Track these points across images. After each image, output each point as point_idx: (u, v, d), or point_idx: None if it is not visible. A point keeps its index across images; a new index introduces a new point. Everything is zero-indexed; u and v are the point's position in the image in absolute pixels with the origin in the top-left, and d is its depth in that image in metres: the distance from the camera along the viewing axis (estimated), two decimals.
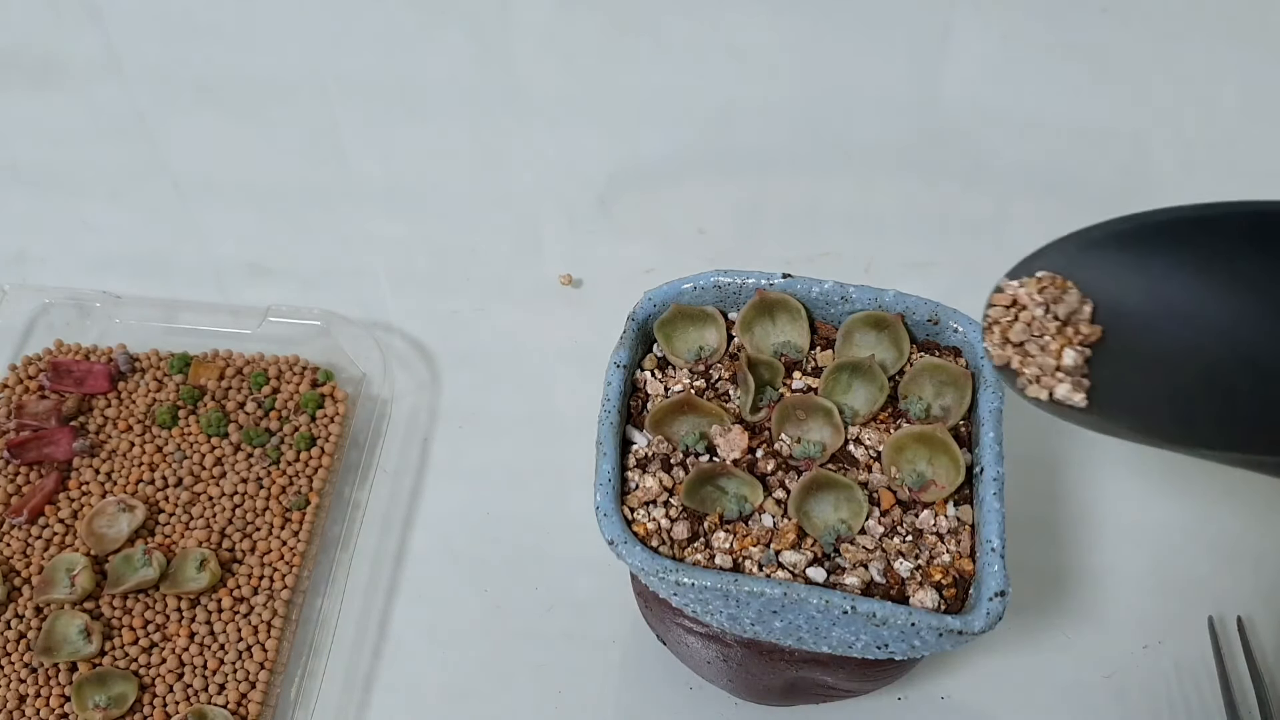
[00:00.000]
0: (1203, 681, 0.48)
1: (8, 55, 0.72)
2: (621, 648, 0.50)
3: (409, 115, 0.69)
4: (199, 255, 0.64)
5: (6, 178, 0.68)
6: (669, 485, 0.39)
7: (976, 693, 0.48)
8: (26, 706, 0.47)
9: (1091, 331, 0.36)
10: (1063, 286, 0.36)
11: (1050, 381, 0.35)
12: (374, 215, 0.65)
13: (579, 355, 0.57)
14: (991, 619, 0.35)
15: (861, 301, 0.43)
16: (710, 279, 0.43)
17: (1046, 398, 0.35)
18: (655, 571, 0.37)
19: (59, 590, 0.49)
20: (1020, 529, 0.43)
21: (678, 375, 0.43)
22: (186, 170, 0.68)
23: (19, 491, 0.52)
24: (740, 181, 0.66)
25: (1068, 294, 0.36)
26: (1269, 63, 0.67)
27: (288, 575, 0.50)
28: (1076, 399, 0.35)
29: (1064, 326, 0.36)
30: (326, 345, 0.57)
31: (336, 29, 0.71)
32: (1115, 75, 0.67)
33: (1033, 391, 0.36)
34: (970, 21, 0.69)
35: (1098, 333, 0.36)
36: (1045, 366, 0.36)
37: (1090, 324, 0.36)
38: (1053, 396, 0.35)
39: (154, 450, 0.54)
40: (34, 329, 0.59)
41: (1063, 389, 0.35)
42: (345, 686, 0.49)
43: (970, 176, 0.65)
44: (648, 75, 0.69)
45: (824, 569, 0.37)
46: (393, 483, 0.55)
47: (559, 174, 0.67)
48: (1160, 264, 0.35)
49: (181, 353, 0.57)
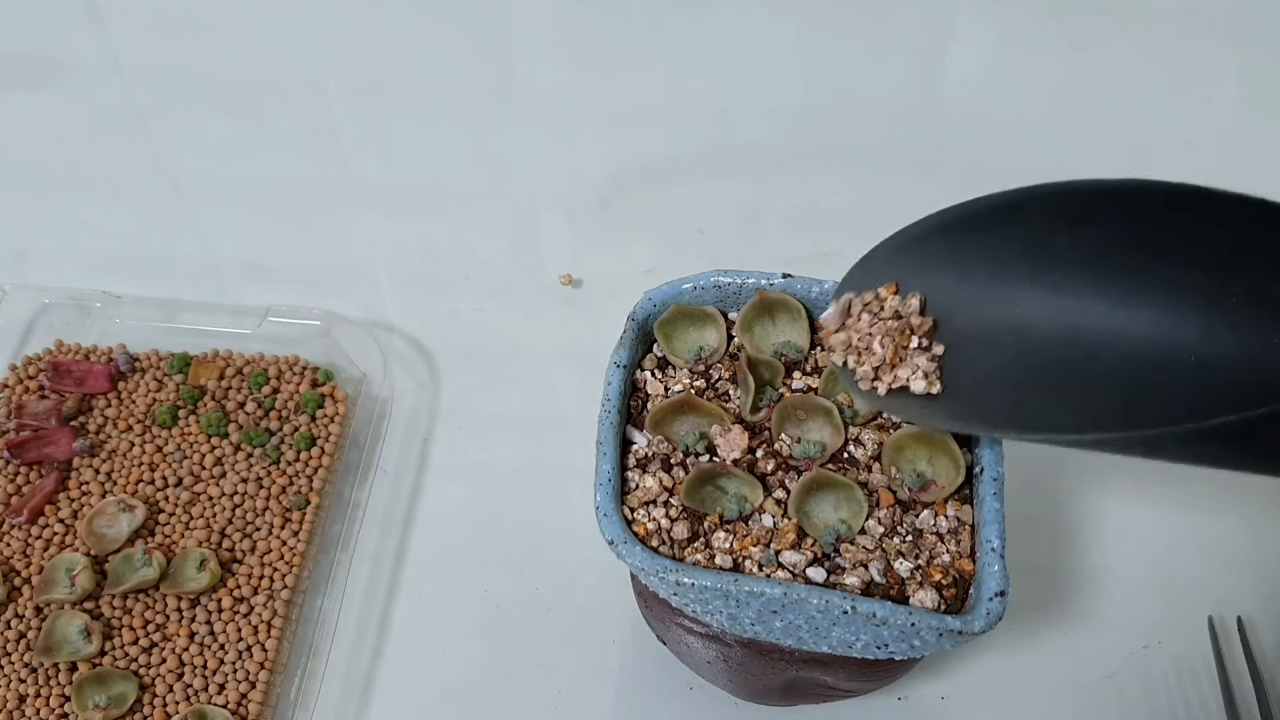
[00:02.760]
0: (1203, 681, 0.48)
1: (8, 55, 0.72)
2: (621, 648, 0.50)
3: (409, 115, 0.69)
4: (199, 255, 0.64)
5: (6, 178, 0.68)
6: (669, 485, 0.39)
7: (976, 693, 0.48)
8: (26, 706, 0.47)
9: (922, 323, 0.35)
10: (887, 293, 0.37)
11: (892, 376, 0.35)
12: (374, 215, 0.65)
13: (579, 355, 0.57)
14: (991, 619, 0.35)
15: None
16: (710, 279, 0.43)
17: (886, 391, 0.35)
18: (655, 571, 0.37)
19: (59, 590, 0.49)
20: (1020, 529, 0.43)
21: (678, 375, 0.43)
22: (186, 170, 0.68)
23: (19, 491, 0.52)
24: (740, 181, 0.66)
25: (889, 298, 0.37)
26: (1269, 63, 0.67)
27: (288, 575, 0.50)
28: (934, 388, 0.34)
29: (896, 323, 0.36)
30: (326, 345, 0.57)
31: (336, 29, 0.71)
32: (1115, 75, 0.68)
33: (873, 386, 0.36)
34: (970, 21, 0.69)
35: (929, 324, 0.35)
36: (883, 362, 0.36)
37: (920, 316, 0.36)
38: (907, 389, 0.35)
39: (154, 450, 0.54)
40: (34, 329, 0.59)
41: (917, 382, 0.35)
42: (345, 686, 0.49)
43: (970, 176, 0.64)
44: (648, 75, 0.69)
45: (824, 569, 0.37)
46: (393, 483, 0.55)
47: (559, 174, 0.67)
48: (976, 251, 0.35)
49: (181, 353, 0.57)
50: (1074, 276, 0.32)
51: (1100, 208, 0.33)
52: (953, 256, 0.35)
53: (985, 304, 0.34)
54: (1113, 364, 0.31)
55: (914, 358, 0.35)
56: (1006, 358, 0.33)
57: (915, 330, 0.35)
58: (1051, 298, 0.33)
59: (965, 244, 0.35)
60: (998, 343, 0.33)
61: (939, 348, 0.35)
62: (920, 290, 0.36)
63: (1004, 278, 0.34)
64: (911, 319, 0.36)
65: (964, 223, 0.35)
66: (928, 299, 0.36)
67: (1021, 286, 0.33)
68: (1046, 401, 0.32)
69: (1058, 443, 0.30)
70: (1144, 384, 0.30)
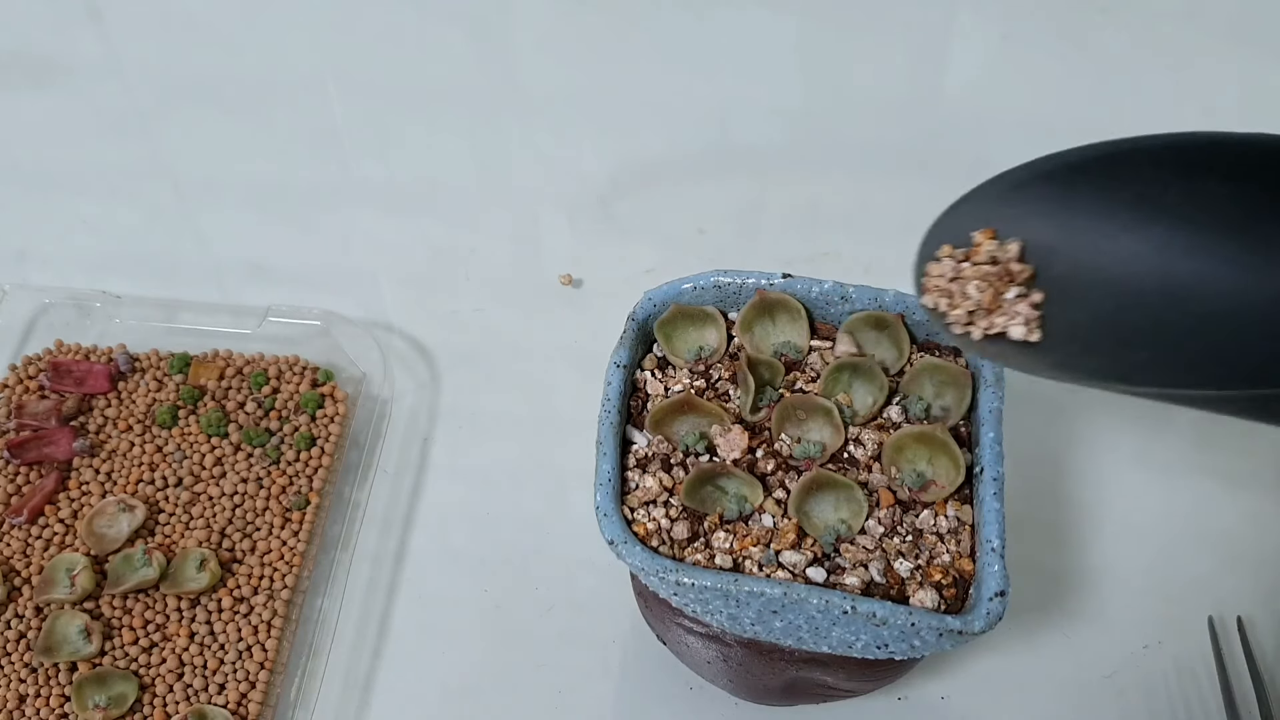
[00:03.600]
0: (1203, 681, 0.48)
1: (8, 55, 0.72)
2: (621, 648, 0.50)
3: (409, 115, 0.69)
4: (199, 255, 0.64)
5: (6, 178, 0.68)
6: (669, 485, 0.39)
7: (976, 693, 0.48)
8: (26, 706, 0.47)
9: (1022, 269, 0.34)
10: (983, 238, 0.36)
11: (988, 322, 0.34)
12: (374, 215, 0.65)
13: (579, 355, 0.57)
14: (991, 619, 0.35)
15: (861, 301, 0.43)
16: (710, 279, 0.43)
17: (981, 336, 0.34)
18: (655, 571, 0.37)
19: (59, 590, 0.49)
20: (1020, 529, 0.43)
21: (678, 375, 0.43)
22: (186, 170, 0.68)
23: (19, 491, 0.52)
24: (740, 181, 0.66)
25: (985, 243, 0.35)
26: (1269, 63, 0.67)
27: (288, 575, 0.50)
28: (1033, 336, 0.33)
29: (993, 268, 0.35)
30: (326, 345, 0.57)
31: (336, 29, 0.71)
32: (1115, 75, 0.67)
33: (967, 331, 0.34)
34: (970, 21, 0.69)
35: (1029, 271, 0.34)
36: (978, 307, 0.34)
37: (1019, 263, 0.35)
38: (1004, 335, 0.34)
39: (154, 450, 0.54)
40: (34, 329, 0.59)
41: (1016, 329, 0.33)
42: (345, 686, 0.49)
43: (970, 176, 0.65)
44: (648, 75, 0.69)
45: (824, 569, 0.38)
46: (393, 483, 0.55)
47: (559, 174, 0.67)
48: (1079, 201, 0.34)
49: (181, 353, 0.57)
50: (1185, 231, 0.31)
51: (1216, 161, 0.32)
52: (1053, 205, 0.34)
53: (1088, 254, 0.33)
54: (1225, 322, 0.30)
55: (1013, 304, 0.34)
56: (1108, 309, 0.32)
57: (1014, 277, 0.34)
58: (1161, 251, 0.31)
59: (1067, 193, 0.34)
60: (1100, 294, 0.32)
61: (1038, 295, 0.34)
62: (1019, 236, 0.35)
63: (1108, 229, 0.33)
64: (1010, 265, 0.35)
65: (1066, 171, 0.34)
66: (1026, 246, 0.35)
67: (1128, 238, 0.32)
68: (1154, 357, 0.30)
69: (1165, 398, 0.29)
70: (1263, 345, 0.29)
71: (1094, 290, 0.33)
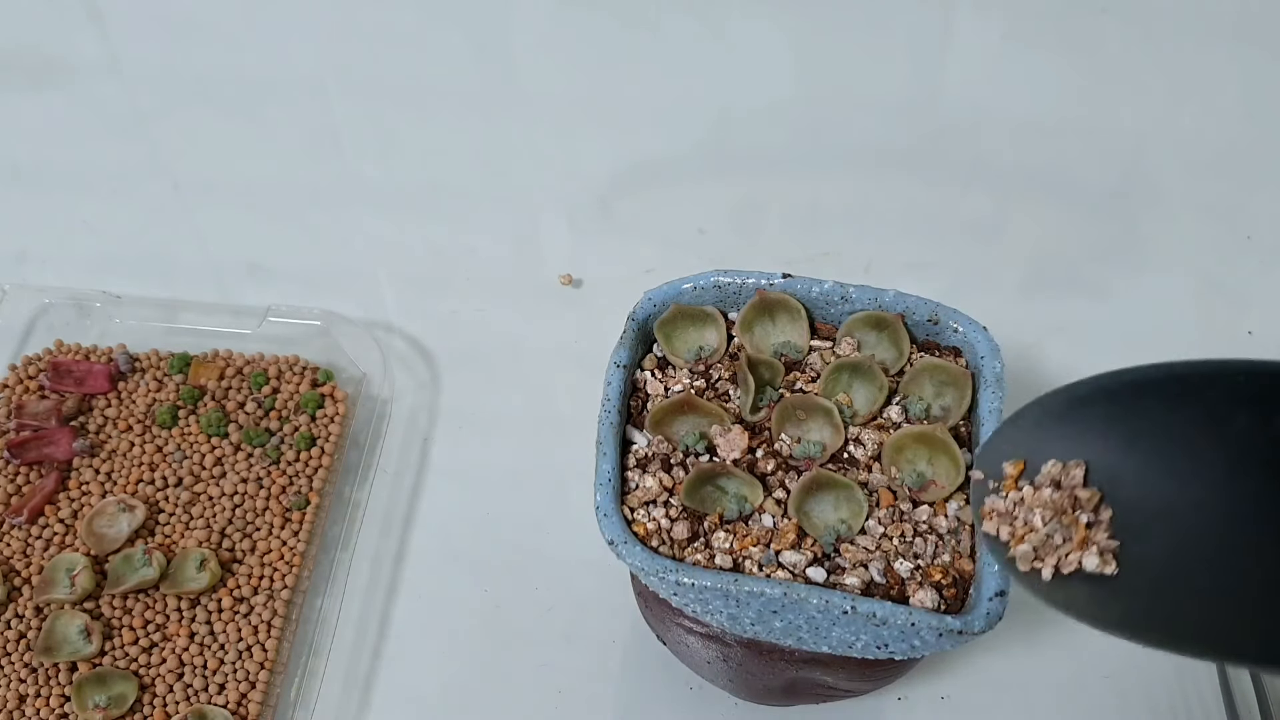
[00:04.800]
0: (1203, 681, 0.48)
1: (8, 55, 0.72)
2: (621, 648, 0.50)
3: (409, 115, 0.69)
4: (199, 255, 0.64)
5: (6, 178, 0.68)
6: (669, 485, 0.39)
7: (976, 693, 0.48)
8: (26, 706, 0.47)
9: (1091, 495, 0.30)
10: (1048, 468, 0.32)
11: (1057, 556, 0.30)
12: (374, 215, 0.65)
13: (579, 355, 0.57)
14: (991, 619, 0.35)
15: (861, 301, 0.43)
16: (710, 279, 0.43)
17: (1052, 575, 0.30)
18: (655, 571, 0.37)
19: (59, 590, 0.49)
20: None
21: (678, 375, 0.43)
22: (186, 170, 0.68)
23: (19, 491, 0.52)
24: (740, 181, 0.66)
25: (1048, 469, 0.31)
26: (1269, 63, 0.67)
27: (288, 575, 0.50)
28: (1109, 568, 0.29)
29: (1057, 493, 0.31)
30: (326, 345, 0.57)
31: (336, 29, 0.71)
32: (1115, 75, 0.67)
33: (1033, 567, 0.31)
34: (970, 21, 0.69)
35: (1097, 495, 0.30)
36: (1046, 539, 0.31)
37: (1085, 489, 0.30)
38: (1079, 569, 0.30)
39: (154, 450, 0.54)
40: (34, 329, 0.59)
41: (1090, 559, 0.29)
42: (345, 686, 0.49)
43: (970, 177, 0.65)
44: (648, 75, 0.69)
45: (824, 569, 0.37)
46: (393, 483, 0.55)
47: (559, 174, 0.67)
48: (1144, 422, 0.30)
49: (181, 353, 0.57)
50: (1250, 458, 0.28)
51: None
52: (1115, 424, 0.30)
53: (1154, 479, 0.29)
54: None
55: (1088, 533, 0.30)
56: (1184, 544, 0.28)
57: (1083, 504, 0.30)
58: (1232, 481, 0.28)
59: (1132, 412, 0.30)
60: (1172, 524, 0.29)
61: (1107, 512, 0.30)
62: (1083, 458, 0.31)
63: (1174, 451, 0.29)
64: (1077, 490, 0.31)
65: (1132, 388, 0.30)
66: (1090, 469, 0.31)
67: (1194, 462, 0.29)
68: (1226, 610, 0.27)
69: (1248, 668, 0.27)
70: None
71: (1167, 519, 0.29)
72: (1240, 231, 0.63)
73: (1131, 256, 0.62)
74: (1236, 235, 0.63)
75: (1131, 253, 0.62)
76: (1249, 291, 0.61)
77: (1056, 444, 0.31)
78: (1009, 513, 0.32)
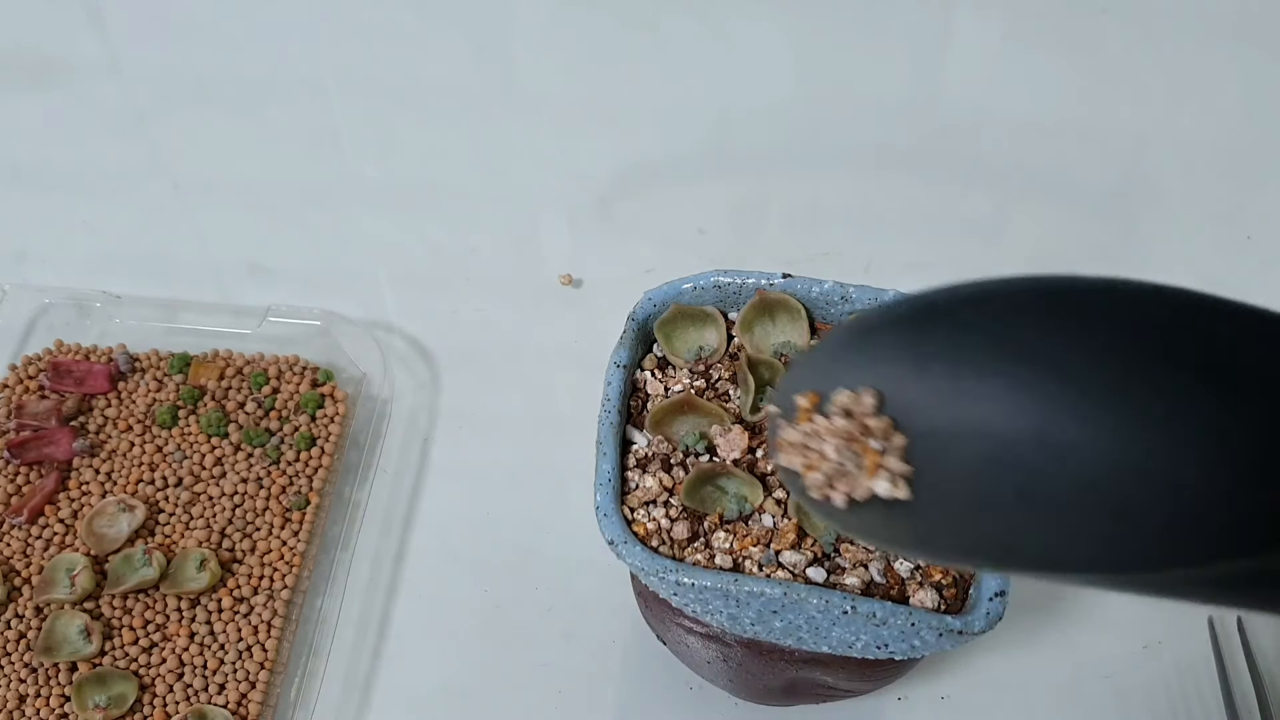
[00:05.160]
0: (1203, 681, 0.48)
1: (8, 55, 0.72)
2: (621, 648, 0.50)
3: (409, 115, 0.69)
4: (199, 255, 0.64)
5: (6, 178, 0.68)
6: (669, 485, 0.39)
7: (976, 693, 0.48)
8: (26, 706, 0.47)
9: (881, 423, 0.30)
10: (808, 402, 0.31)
11: (850, 484, 0.30)
12: (374, 215, 0.65)
13: (579, 355, 0.57)
14: (991, 619, 0.35)
15: (861, 301, 0.43)
16: (710, 279, 0.43)
17: (845, 502, 0.29)
18: (655, 571, 0.37)
19: (59, 590, 0.49)
20: None
21: (678, 375, 0.43)
22: (186, 170, 0.67)
23: (19, 491, 0.52)
24: (740, 181, 0.66)
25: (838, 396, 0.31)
26: (1269, 63, 0.67)
27: (288, 575, 0.50)
28: (900, 492, 0.29)
29: (847, 422, 0.30)
30: (326, 345, 0.57)
31: (336, 29, 0.71)
32: (1115, 75, 0.67)
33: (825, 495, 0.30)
34: (970, 22, 0.69)
35: (887, 422, 0.30)
36: (838, 467, 0.30)
37: (876, 416, 0.30)
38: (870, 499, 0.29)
39: (154, 450, 0.54)
40: (34, 329, 0.59)
41: (881, 484, 0.29)
42: (345, 686, 0.49)
43: (970, 177, 0.65)
44: (648, 75, 0.69)
45: (824, 569, 0.37)
46: (393, 483, 0.55)
47: (559, 174, 0.67)
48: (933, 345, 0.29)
49: (181, 353, 0.57)
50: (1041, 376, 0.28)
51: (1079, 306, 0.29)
52: (906, 350, 0.30)
53: (945, 403, 0.29)
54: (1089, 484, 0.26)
55: (879, 459, 0.29)
56: (973, 466, 0.28)
57: (873, 432, 0.30)
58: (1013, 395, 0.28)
59: (922, 337, 0.30)
60: (961, 448, 0.28)
61: (900, 439, 0.29)
62: (873, 386, 0.30)
63: (964, 373, 0.29)
64: (867, 419, 0.30)
65: (921, 314, 0.30)
66: (885, 397, 0.30)
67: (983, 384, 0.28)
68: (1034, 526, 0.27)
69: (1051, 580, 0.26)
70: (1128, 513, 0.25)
71: (956, 442, 0.29)
72: (1240, 231, 0.63)
73: (1131, 256, 0.62)
74: (1236, 235, 0.63)
75: (1131, 253, 0.62)
76: (1249, 291, 0.60)
77: (850, 373, 0.31)
78: (802, 444, 0.31)
